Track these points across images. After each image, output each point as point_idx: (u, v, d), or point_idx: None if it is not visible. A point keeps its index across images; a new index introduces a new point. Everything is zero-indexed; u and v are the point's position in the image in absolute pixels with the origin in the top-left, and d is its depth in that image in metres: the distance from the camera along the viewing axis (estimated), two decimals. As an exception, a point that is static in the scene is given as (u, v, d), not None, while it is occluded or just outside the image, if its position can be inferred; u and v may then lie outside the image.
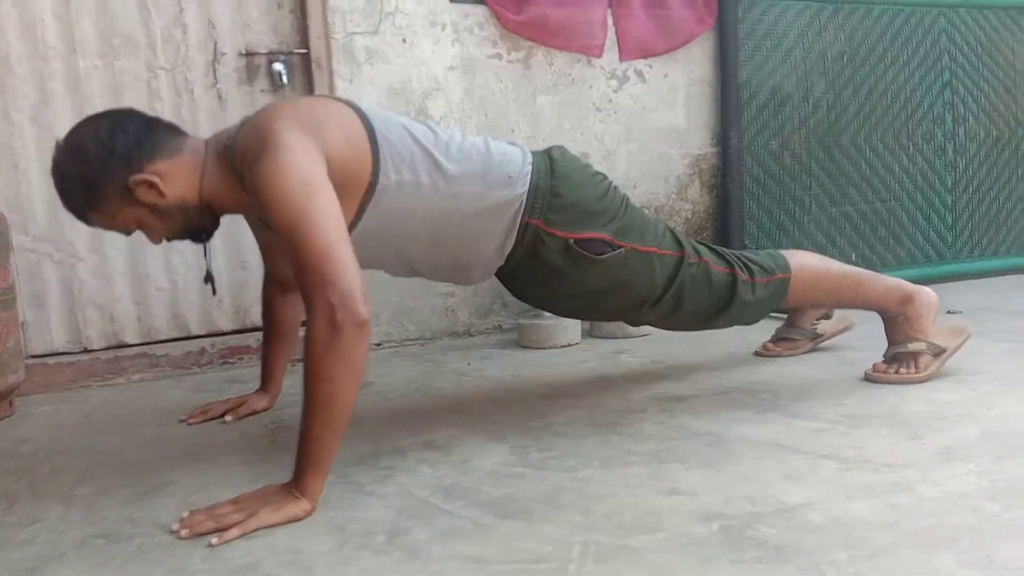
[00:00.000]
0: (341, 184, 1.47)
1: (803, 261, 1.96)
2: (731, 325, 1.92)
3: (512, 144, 1.74)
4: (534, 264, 1.71)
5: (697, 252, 1.82)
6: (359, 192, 1.54)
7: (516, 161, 1.67)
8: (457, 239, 1.65)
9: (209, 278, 1.74)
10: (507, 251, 1.69)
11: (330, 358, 1.30)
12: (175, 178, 1.51)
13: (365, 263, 1.65)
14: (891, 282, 2.00)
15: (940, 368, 1.97)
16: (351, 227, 1.56)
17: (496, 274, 1.77)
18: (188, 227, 1.58)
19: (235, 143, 1.51)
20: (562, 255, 1.69)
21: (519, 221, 1.66)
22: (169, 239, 1.60)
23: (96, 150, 1.47)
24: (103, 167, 1.47)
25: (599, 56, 2.97)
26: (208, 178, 1.53)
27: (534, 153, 1.73)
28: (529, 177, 1.66)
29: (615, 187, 1.78)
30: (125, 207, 1.51)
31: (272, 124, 1.45)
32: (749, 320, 1.95)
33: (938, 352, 1.96)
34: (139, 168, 1.48)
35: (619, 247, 1.71)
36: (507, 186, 1.64)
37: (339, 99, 1.62)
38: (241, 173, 1.49)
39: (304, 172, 1.39)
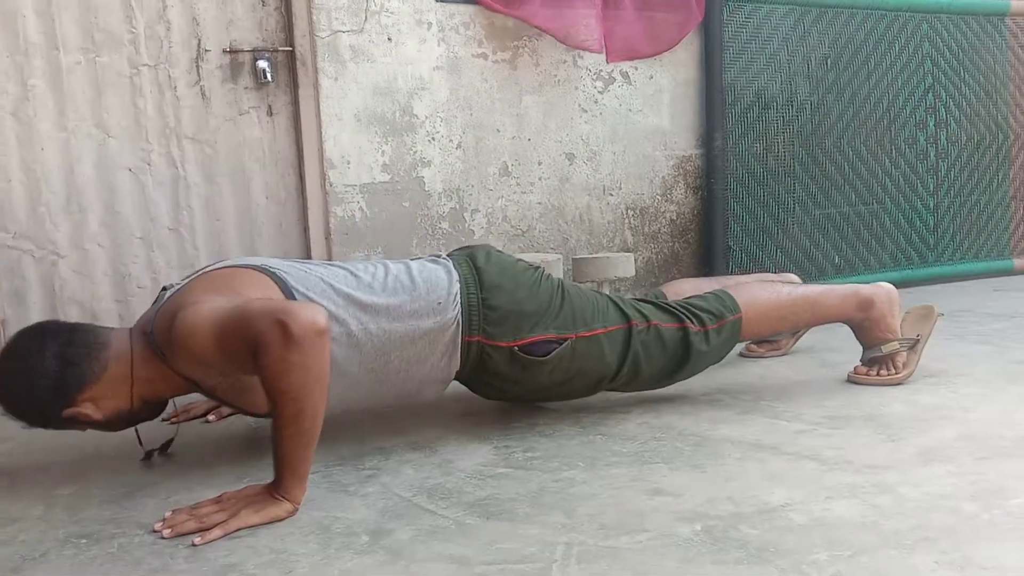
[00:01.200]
0: None
1: (751, 296, 1.91)
2: (694, 375, 1.89)
3: (436, 262, 1.72)
4: (486, 374, 1.71)
5: (644, 316, 1.79)
6: None
7: (442, 285, 1.65)
8: (399, 372, 1.64)
9: (149, 454, 1.70)
10: (454, 369, 1.69)
11: (291, 376, 1.29)
12: (106, 397, 1.49)
13: None
14: (846, 291, 1.98)
15: (920, 357, 1.98)
16: None
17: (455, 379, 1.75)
18: (133, 422, 1.57)
19: (154, 327, 1.49)
20: (510, 363, 1.68)
21: (459, 341, 1.65)
22: (120, 431, 1.59)
23: (23, 398, 1.47)
24: (36, 409, 1.48)
25: (599, 51, 2.97)
26: (140, 377, 1.50)
27: (458, 264, 1.71)
28: (459, 297, 1.65)
29: (547, 276, 1.77)
30: (71, 425, 1.51)
31: (184, 298, 1.46)
32: (712, 364, 1.91)
33: (913, 344, 1.98)
34: (70, 402, 1.47)
35: (564, 340, 1.70)
36: (437, 313, 1.63)
37: (249, 266, 1.58)
38: (165, 354, 1.47)
39: (216, 304, 1.40)
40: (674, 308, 1.84)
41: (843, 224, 3.49)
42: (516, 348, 1.67)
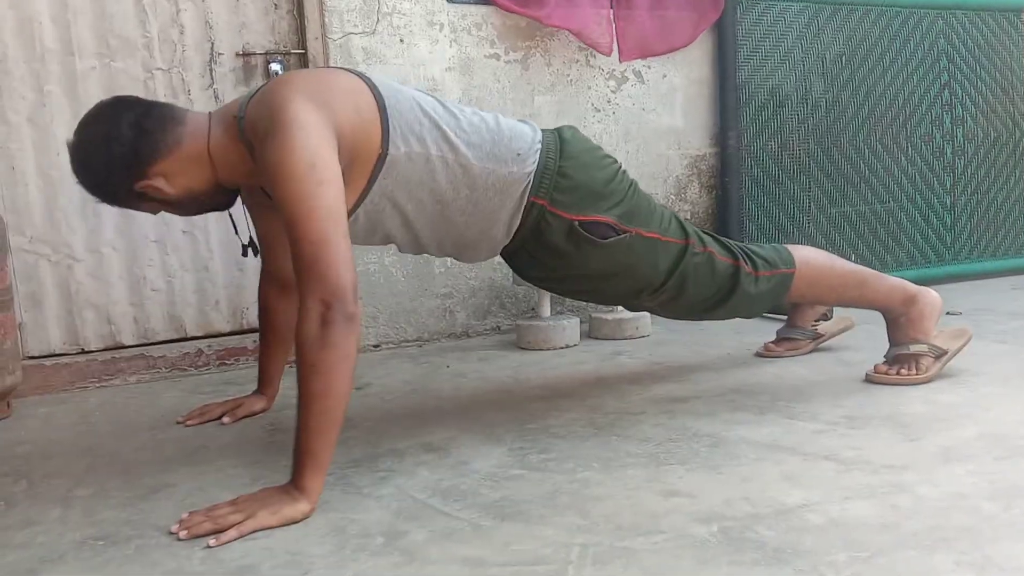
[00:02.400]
0: (351, 155, 1.49)
1: (808, 256, 1.95)
2: (732, 316, 1.91)
3: (524, 122, 1.74)
4: (537, 244, 1.71)
5: (702, 241, 1.81)
6: (369, 163, 1.54)
7: (526, 138, 1.67)
8: (464, 214, 1.65)
9: (248, 246, 1.78)
10: (513, 228, 1.69)
11: (323, 351, 1.32)
12: (178, 173, 1.53)
13: (374, 237, 1.68)
14: (895, 282, 1.99)
15: (940, 370, 1.97)
16: (361, 197, 1.57)
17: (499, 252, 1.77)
18: (203, 208, 1.62)
19: (246, 114, 1.52)
20: (566, 237, 1.68)
21: (526, 199, 1.66)
22: (193, 215, 1.65)
23: (98, 164, 1.51)
24: (108, 178, 1.52)
25: (608, 54, 2.96)
26: (219, 159, 1.55)
27: (545, 132, 1.73)
28: (538, 155, 1.66)
29: (624, 171, 1.78)
30: (141, 203, 1.57)
31: (283, 97, 1.45)
32: (750, 313, 1.94)
33: (939, 354, 1.96)
34: (142, 174, 1.51)
35: (624, 232, 1.70)
36: (516, 162, 1.64)
37: (350, 70, 1.62)
38: (252, 144, 1.50)
39: (313, 155, 1.40)
40: (733, 245, 1.86)
41: (859, 223, 3.46)
42: (577, 223, 1.67)
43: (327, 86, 1.52)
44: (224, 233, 2.64)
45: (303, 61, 2.66)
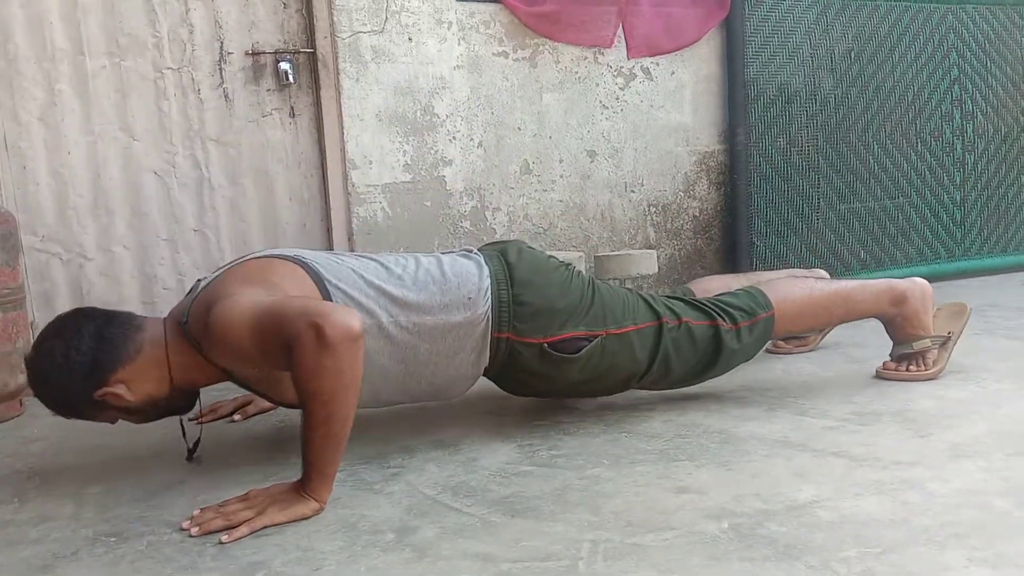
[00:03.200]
0: None
1: (784, 293, 1.88)
2: (725, 372, 1.86)
3: (468, 256, 1.72)
4: (515, 370, 1.71)
5: (675, 314, 1.77)
6: None
7: (473, 280, 1.65)
8: (428, 366, 1.64)
9: (191, 449, 1.69)
10: (484, 365, 1.68)
11: (323, 380, 1.29)
12: (138, 380, 1.49)
13: None
14: (880, 286, 1.96)
15: (951, 355, 1.96)
16: None
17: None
18: (163, 413, 1.57)
19: (189, 315, 1.50)
20: (539, 360, 1.68)
21: (489, 337, 1.65)
22: (151, 421, 1.60)
23: (57, 377, 1.47)
24: (68, 389, 1.47)
25: (610, 47, 2.96)
26: (174, 364, 1.51)
27: (489, 259, 1.70)
28: (489, 292, 1.64)
29: (578, 274, 1.76)
30: (101, 412, 1.52)
31: (220, 289, 1.46)
32: (742, 361, 1.88)
33: (944, 342, 1.95)
34: (103, 382, 1.47)
35: (595, 337, 1.69)
36: (468, 308, 1.62)
37: (282, 257, 1.59)
38: (199, 343, 1.48)
39: (253, 297, 1.41)
40: (705, 305, 1.82)
41: (868, 219, 3.45)
42: (546, 345, 1.66)
43: (264, 274, 1.51)
44: (235, 232, 2.65)
45: (312, 60, 2.66)
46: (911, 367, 1.94)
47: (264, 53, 2.63)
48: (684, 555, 1.13)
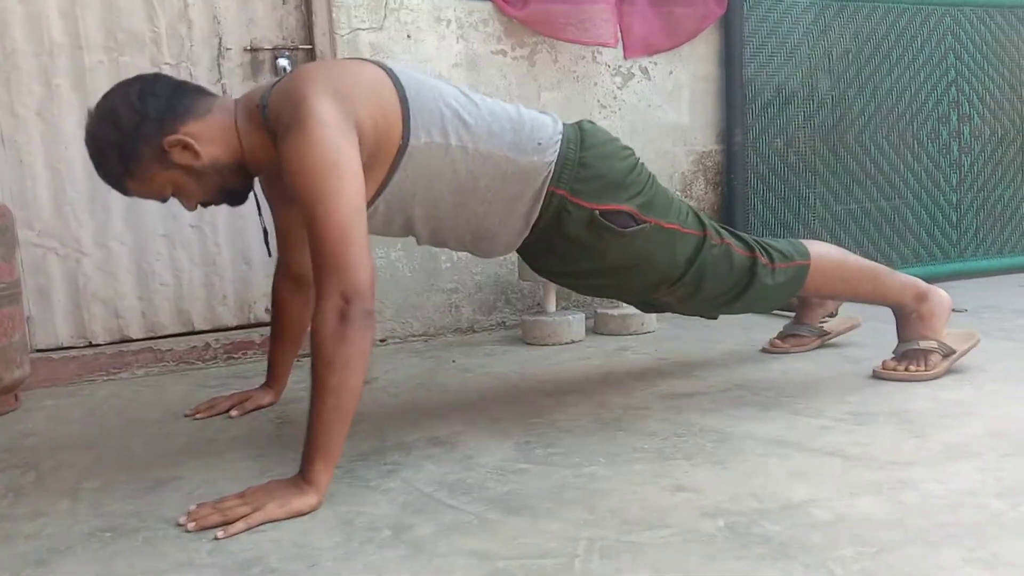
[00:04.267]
0: (372, 147, 1.50)
1: (821, 251, 1.95)
2: (748, 310, 1.91)
3: (545, 113, 1.75)
4: (557, 235, 1.70)
5: (719, 234, 1.81)
6: (390, 153, 1.55)
7: (546, 128, 1.68)
8: (484, 203, 1.65)
9: (267, 237, 1.78)
10: (533, 219, 1.69)
11: (340, 346, 1.32)
12: (208, 138, 1.53)
13: (393, 227, 1.68)
14: (907, 279, 2.00)
15: (948, 369, 1.97)
16: (381, 187, 1.58)
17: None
18: (223, 187, 1.60)
19: (268, 102, 1.52)
20: (586, 227, 1.68)
21: (546, 190, 1.66)
22: (204, 204, 1.62)
23: (129, 115, 1.49)
24: (137, 131, 1.49)
25: (615, 46, 2.97)
26: (242, 137, 1.55)
27: (566, 124, 1.73)
28: (559, 145, 1.67)
29: (642, 164, 1.78)
30: (161, 170, 1.53)
31: (305, 91, 1.46)
32: (766, 306, 1.94)
33: (948, 353, 1.96)
34: (173, 130, 1.50)
35: (643, 222, 1.70)
36: (536, 152, 1.64)
37: (371, 61, 1.63)
38: (274, 133, 1.50)
39: (335, 151, 1.41)
40: (749, 238, 1.86)
41: (865, 220, 3.46)
42: (597, 212, 1.67)
43: (349, 79, 1.52)
44: (232, 228, 2.65)
45: (311, 57, 2.66)
46: (911, 366, 1.95)
47: (262, 49, 2.63)
48: (680, 553, 1.13)
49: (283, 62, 2.60)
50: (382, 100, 1.53)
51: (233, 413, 1.96)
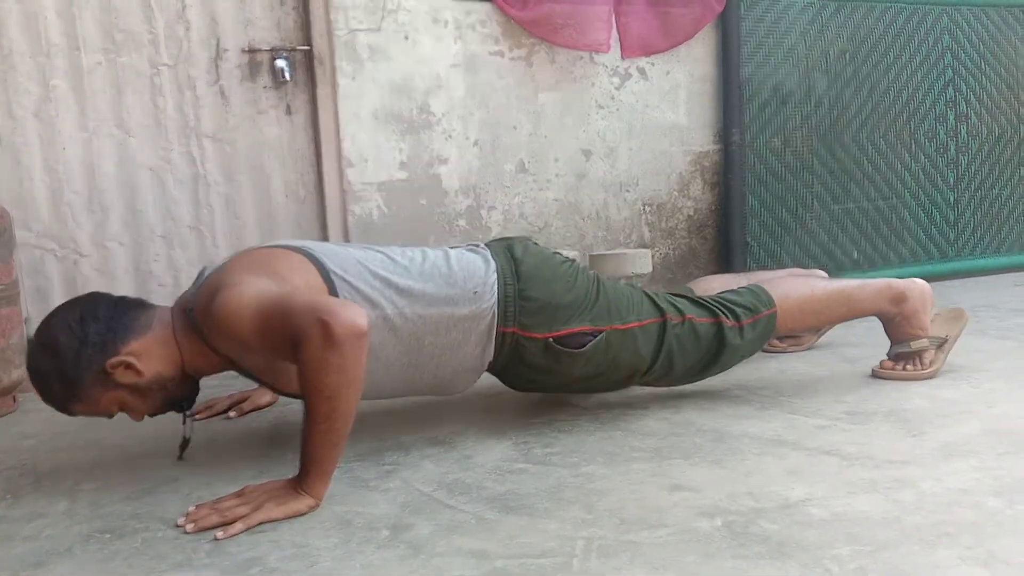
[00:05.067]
0: None
1: (786, 290, 1.90)
2: (727, 369, 1.87)
3: (474, 251, 1.72)
4: (519, 365, 1.71)
5: (679, 311, 1.78)
6: None
7: (479, 274, 1.65)
8: (433, 359, 1.64)
9: (184, 446, 1.66)
10: (488, 359, 1.68)
11: (328, 376, 1.29)
12: (150, 355, 1.49)
13: None
14: (879, 285, 1.97)
15: (946, 358, 1.97)
16: None
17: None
18: (168, 400, 1.56)
19: (194, 305, 1.50)
20: (544, 355, 1.68)
21: (495, 331, 1.65)
22: (152, 415, 1.57)
23: (69, 341, 1.45)
24: (78, 357, 1.45)
25: (607, 51, 2.97)
26: (182, 347, 1.52)
27: (495, 254, 1.70)
28: (495, 287, 1.65)
29: (583, 270, 1.77)
30: (105, 391, 1.48)
31: (225, 277, 1.46)
32: (745, 358, 1.89)
33: (941, 343, 1.96)
34: (114, 351, 1.46)
35: (599, 332, 1.69)
36: (473, 301, 1.62)
37: (288, 247, 1.59)
38: (202, 331, 1.48)
39: (258, 287, 1.40)
40: (708, 303, 1.82)
41: (862, 219, 3.46)
42: (551, 339, 1.67)
43: (269, 263, 1.51)
44: (231, 229, 2.65)
45: (309, 57, 2.66)
46: (908, 366, 1.95)
47: (260, 50, 2.63)
48: (678, 552, 1.14)
49: (281, 63, 2.60)
50: (308, 283, 1.51)
51: (231, 414, 1.96)
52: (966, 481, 1.33)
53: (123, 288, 2.56)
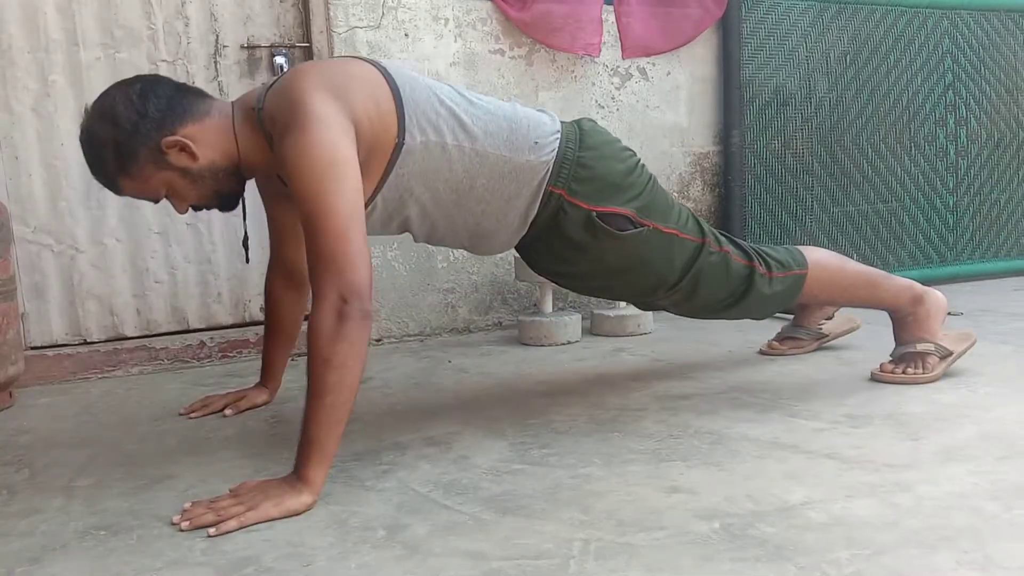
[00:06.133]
0: (369, 146, 1.49)
1: (820, 258, 1.95)
2: (744, 317, 1.91)
3: (543, 111, 1.74)
4: (554, 235, 1.70)
5: (718, 241, 1.80)
6: (386, 153, 1.55)
7: (544, 127, 1.67)
8: (481, 203, 1.65)
9: (246, 242, 1.76)
10: (531, 217, 1.68)
11: (337, 345, 1.32)
12: (206, 140, 1.53)
13: (391, 225, 1.68)
14: (903, 282, 2.00)
15: (945, 371, 1.97)
16: (379, 186, 1.57)
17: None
18: (217, 191, 1.59)
19: (264, 105, 1.52)
20: (583, 228, 1.68)
21: (544, 189, 1.65)
22: (196, 207, 1.61)
23: (128, 113, 1.48)
24: (135, 130, 1.48)
25: (597, 55, 2.97)
26: (240, 140, 1.55)
27: (564, 123, 1.73)
28: (557, 144, 1.66)
29: (643, 165, 1.77)
30: (156, 171, 1.52)
31: (301, 90, 1.46)
32: (762, 313, 1.94)
33: (945, 355, 1.96)
34: (171, 131, 1.50)
35: (641, 225, 1.69)
36: (533, 151, 1.63)
37: (365, 59, 1.62)
38: (271, 135, 1.50)
39: (333, 150, 1.40)
40: (747, 247, 1.86)
41: (862, 222, 3.46)
42: (595, 214, 1.66)
43: (344, 77, 1.52)
44: (227, 226, 2.64)
45: (308, 54, 2.66)
46: (909, 369, 1.95)
47: (259, 47, 2.62)
48: (675, 555, 1.13)
49: (280, 60, 2.59)
50: (377, 99, 1.52)
51: (227, 412, 1.95)
52: (964, 485, 1.33)
53: (120, 284, 2.55)
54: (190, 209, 1.62)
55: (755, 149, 3.23)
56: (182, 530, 1.28)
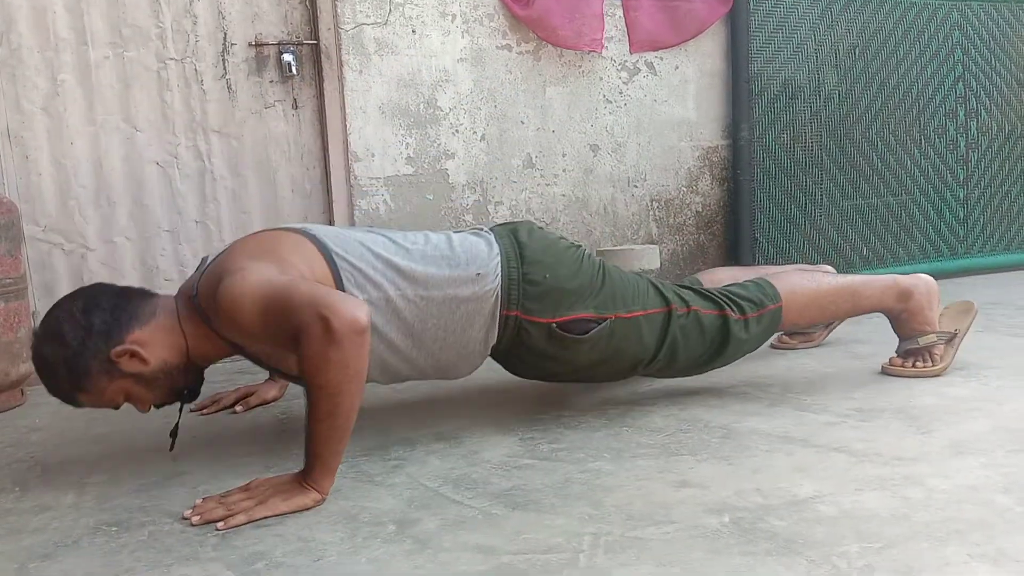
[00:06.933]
0: None
1: (792, 284, 1.89)
2: (731, 363, 1.87)
3: (478, 234, 1.71)
4: (522, 350, 1.69)
5: (684, 301, 1.76)
6: None
7: (482, 256, 1.64)
8: (436, 342, 1.63)
9: (174, 434, 1.64)
10: (491, 343, 1.67)
11: (330, 373, 1.29)
12: (154, 342, 1.48)
13: None
14: (885, 281, 1.95)
15: (957, 351, 1.96)
16: None
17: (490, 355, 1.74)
18: (173, 388, 1.54)
19: (198, 291, 1.50)
20: (547, 340, 1.66)
21: (498, 314, 1.64)
22: (157, 405, 1.56)
23: (74, 331, 1.44)
24: (83, 346, 1.44)
25: (600, 51, 2.96)
26: (188, 335, 1.51)
27: (499, 238, 1.69)
28: (499, 269, 1.63)
29: (588, 256, 1.75)
30: (111, 381, 1.47)
31: (231, 261, 1.45)
32: (748, 352, 1.88)
33: (950, 338, 1.95)
34: (119, 340, 1.45)
35: (603, 320, 1.68)
36: (476, 283, 1.61)
37: (290, 229, 1.60)
38: (208, 316, 1.48)
39: (262, 274, 1.40)
40: (714, 295, 1.81)
41: (871, 216, 3.45)
42: (555, 325, 1.65)
43: (273, 243, 1.51)
44: (236, 223, 2.65)
45: (315, 51, 2.66)
46: (917, 363, 1.94)
47: (267, 44, 2.63)
48: (685, 548, 1.13)
49: (288, 57, 2.60)
50: (311, 263, 1.51)
51: (238, 408, 1.96)
52: (975, 478, 1.32)
53: (129, 282, 2.55)
54: (153, 407, 1.56)
55: (764, 143, 3.22)
56: (192, 524, 1.29)
